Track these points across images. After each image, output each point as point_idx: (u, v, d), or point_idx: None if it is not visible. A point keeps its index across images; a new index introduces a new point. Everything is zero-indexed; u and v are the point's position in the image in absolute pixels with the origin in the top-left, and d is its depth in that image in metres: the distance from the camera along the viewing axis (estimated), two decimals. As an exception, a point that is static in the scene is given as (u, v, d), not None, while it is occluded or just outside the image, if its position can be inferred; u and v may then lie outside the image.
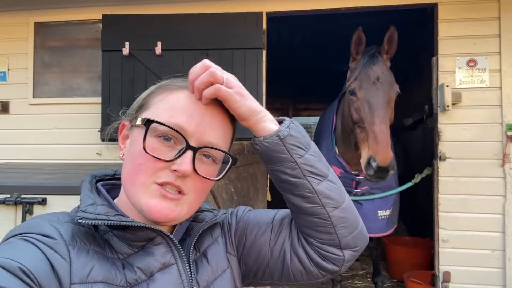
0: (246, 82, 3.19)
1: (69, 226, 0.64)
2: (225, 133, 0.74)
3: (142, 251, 0.67)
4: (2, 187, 1.98)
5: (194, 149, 0.67)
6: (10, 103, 3.55)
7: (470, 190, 2.99)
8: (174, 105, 0.69)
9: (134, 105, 0.76)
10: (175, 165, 0.66)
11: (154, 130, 0.67)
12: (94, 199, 0.68)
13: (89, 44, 3.52)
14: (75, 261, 0.60)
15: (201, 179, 0.69)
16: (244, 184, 2.45)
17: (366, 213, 3.02)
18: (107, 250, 0.65)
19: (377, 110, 2.37)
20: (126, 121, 0.76)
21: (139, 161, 0.67)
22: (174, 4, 3.36)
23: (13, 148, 3.50)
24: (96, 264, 0.62)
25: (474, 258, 2.97)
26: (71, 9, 3.49)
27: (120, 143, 0.75)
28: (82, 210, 0.65)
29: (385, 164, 2.22)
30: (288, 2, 3.28)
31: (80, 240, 0.63)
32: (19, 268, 0.53)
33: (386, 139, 2.29)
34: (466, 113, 3.02)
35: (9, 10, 3.55)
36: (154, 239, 0.69)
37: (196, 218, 0.81)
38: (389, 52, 2.59)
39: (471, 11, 3.04)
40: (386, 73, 2.51)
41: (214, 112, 0.71)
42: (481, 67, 3.01)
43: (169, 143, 0.67)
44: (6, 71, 3.56)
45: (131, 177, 0.68)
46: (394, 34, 2.54)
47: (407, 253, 3.72)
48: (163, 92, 0.72)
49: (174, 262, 0.69)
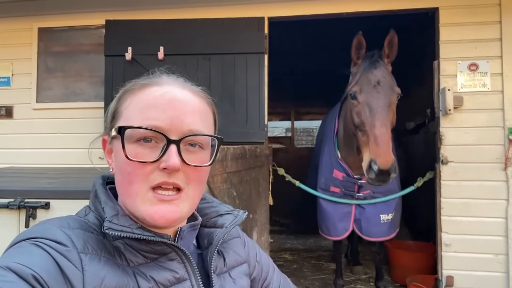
0: (248, 87, 3.23)
1: (80, 233, 0.64)
2: (204, 116, 0.72)
3: (154, 263, 0.67)
4: (6, 191, 1.99)
5: (176, 142, 0.66)
6: (14, 108, 3.58)
7: (473, 194, 2.98)
8: (143, 105, 0.68)
9: (108, 117, 0.74)
10: (163, 163, 0.65)
11: (131, 136, 0.66)
12: (116, 209, 0.67)
13: (92, 49, 3.55)
14: (87, 269, 0.59)
15: (193, 169, 0.68)
16: (246, 188, 2.46)
17: (369, 217, 3.02)
18: (116, 257, 0.65)
19: (377, 113, 2.38)
20: (105, 135, 0.74)
21: (127, 171, 0.66)
22: (177, 9, 3.39)
23: (17, 152, 3.52)
24: (108, 271, 0.61)
25: (477, 262, 2.96)
26: (75, 14, 3.53)
27: (107, 158, 0.74)
28: (109, 221, 0.64)
29: (386, 167, 2.22)
30: (289, 7, 3.30)
31: (91, 247, 0.62)
32: (31, 275, 0.53)
33: (387, 142, 2.29)
34: (468, 117, 3.02)
35: (13, 16, 3.59)
36: (169, 254, 0.69)
37: (215, 223, 0.80)
38: (390, 56, 2.60)
39: (472, 15, 3.05)
40: (387, 77, 2.52)
41: (186, 99, 0.70)
42: (483, 71, 3.01)
43: (150, 144, 0.66)
44: (10, 76, 3.59)
45: (125, 188, 0.67)
46: (394, 37, 2.55)
47: (410, 257, 3.70)
48: (129, 96, 0.71)
49: (188, 278, 0.69)
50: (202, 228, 0.81)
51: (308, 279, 3.94)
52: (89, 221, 0.68)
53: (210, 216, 0.82)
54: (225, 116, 3.21)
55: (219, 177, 2.01)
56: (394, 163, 2.26)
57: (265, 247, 2.89)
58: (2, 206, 1.90)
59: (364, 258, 4.43)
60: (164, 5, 3.41)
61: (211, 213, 0.82)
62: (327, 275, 4.01)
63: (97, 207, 0.70)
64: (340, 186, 3.12)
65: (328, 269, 4.23)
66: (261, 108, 3.23)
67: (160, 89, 0.69)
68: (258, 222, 2.71)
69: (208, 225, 0.81)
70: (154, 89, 0.69)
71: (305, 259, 4.60)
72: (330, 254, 4.72)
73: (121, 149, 0.65)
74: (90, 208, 0.72)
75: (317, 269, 4.25)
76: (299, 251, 4.98)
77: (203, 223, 0.81)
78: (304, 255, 4.76)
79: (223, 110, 3.36)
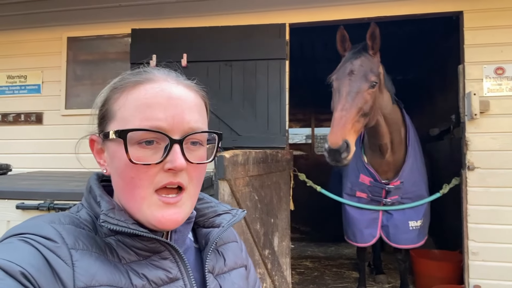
0: (269, 93, 3.25)
1: (71, 229, 0.62)
2: (201, 111, 0.71)
3: (146, 261, 0.66)
4: (36, 193, 2.06)
5: (179, 141, 0.64)
6: (43, 114, 3.72)
7: (500, 200, 2.90)
8: (140, 104, 0.65)
9: (97, 116, 0.71)
10: (168, 163, 0.63)
11: (131, 138, 0.63)
12: (112, 203, 0.66)
13: (118, 57, 3.66)
14: (78, 265, 0.58)
15: (195, 167, 0.67)
16: (267, 192, 2.46)
17: (397, 224, 2.98)
18: (108, 253, 0.63)
19: (342, 99, 2.47)
20: (94, 135, 0.72)
21: (130, 175, 0.64)
22: (199, 17, 3.46)
23: (47, 157, 3.65)
24: (99, 267, 0.60)
25: (505, 271, 2.85)
26: (102, 24, 3.65)
27: (98, 158, 0.72)
28: (105, 214, 0.63)
29: (334, 146, 2.30)
30: (310, 13, 3.32)
31: (82, 243, 0.61)
32: (20, 272, 0.51)
33: (341, 124, 2.37)
34: (495, 122, 2.94)
35: (44, 26, 3.75)
36: (162, 252, 0.68)
37: (213, 223, 0.79)
38: (374, 47, 2.65)
39: (497, 18, 2.99)
40: (365, 66, 2.58)
41: (183, 96, 0.68)
42: (510, 75, 2.94)
43: (152, 145, 0.64)
44: (40, 83, 3.74)
45: (129, 192, 0.65)
46: (375, 30, 2.61)
47: (435, 266, 3.60)
48: (121, 94, 0.67)
49: (181, 277, 0.68)
50: (200, 228, 0.80)
51: (330, 287, 3.89)
52: (81, 217, 0.67)
53: (208, 216, 0.81)
54: (247, 121, 3.24)
55: (241, 181, 2.03)
56: (345, 144, 2.31)
57: (286, 253, 2.88)
58: (32, 208, 1.97)
59: (387, 267, 4.34)
60: (187, 14, 3.49)
61: (210, 213, 0.81)
62: (348, 284, 3.95)
63: (90, 202, 0.69)
64: (367, 191, 3.08)
65: (350, 277, 4.16)
66: (282, 113, 3.24)
67: (156, 86, 0.67)
68: (279, 227, 2.71)
69: (207, 225, 0.80)
70: (149, 86, 0.66)
71: (326, 267, 4.55)
72: (352, 262, 4.65)
73: (121, 152, 0.63)
74: (83, 205, 0.71)
75: (338, 277, 4.19)
76: (320, 258, 4.92)
77: (202, 223, 0.80)
78: (325, 263, 4.71)
79: (244, 115, 3.41)
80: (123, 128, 0.63)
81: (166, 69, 0.73)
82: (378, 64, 2.67)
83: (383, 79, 2.73)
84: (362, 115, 2.49)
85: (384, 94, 2.75)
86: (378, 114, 2.70)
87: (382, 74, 2.69)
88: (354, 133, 2.43)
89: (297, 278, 4.11)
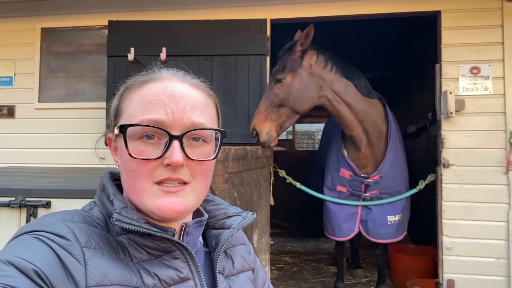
0: (249, 89, 3.23)
1: (84, 227, 0.63)
2: (205, 109, 0.71)
3: (158, 260, 0.66)
4: (7, 190, 1.99)
5: (178, 137, 0.65)
6: (16, 107, 3.58)
7: (474, 197, 2.98)
8: (143, 101, 0.67)
9: (110, 115, 0.74)
10: (166, 159, 0.64)
11: (133, 133, 0.65)
12: (125, 202, 0.67)
13: (94, 49, 3.56)
14: (90, 264, 0.59)
15: (198, 163, 0.68)
16: (247, 189, 2.45)
17: (376, 219, 3.03)
18: (120, 252, 0.64)
19: None
20: (110, 133, 0.74)
21: (131, 168, 0.66)
22: (180, 10, 3.40)
23: (18, 152, 3.52)
24: (111, 266, 0.60)
25: (478, 266, 2.94)
26: (78, 15, 3.54)
27: (114, 155, 0.74)
28: (118, 213, 0.64)
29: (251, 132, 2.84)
30: (292, 9, 3.31)
31: (95, 242, 0.62)
32: (33, 270, 0.52)
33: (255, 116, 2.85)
34: (470, 120, 3.02)
35: (16, 16, 3.61)
36: (173, 252, 0.68)
37: (223, 225, 0.80)
38: (303, 44, 2.87)
39: (474, 19, 3.06)
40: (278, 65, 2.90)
41: (186, 93, 0.69)
42: (485, 75, 3.01)
43: (153, 140, 0.65)
44: (12, 76, 3.60)
45: (131, 185, 0.67)
46: (311, 31, 2.82)
47: (410, 260, 3.69)
48: (130, 93, 0.71)
49: (191, 277, 0.68)
50: (210, 230, 0.81)
51: (308, 282, 3.93)
52: (93, 215, 0.68)
53: (218, 218, 0.82)
54: (227, 117, 3.19)
55: (221, 178, 2.01)
56: (254, 132, 2.80)
57: (265, 249, 2.89)
58: (3, 205, 1.90)
59: (364, 262, 4.41)
60: (167, 6, 3.42)
61: (220, 215, 0.82)
62: (327, 278, 4.00)
63: (103, 200, 0.70)
64: (347, 185, 3.12)
65: (328, 272, 4.22)
66: (262, 110, 3.22)
67: (160, 84, 0.69)
68: (259, 223, 2.71)
69: (217, 227, 0.81)
70: (154, 84, 0.69)
71: (305, 262, 4.59)
72: (330, 257, 4.71)
73: (125, 146, 0.65)
74: (95, 203, 0.72)
75: (317, 272, 4.23)
76: (299, 254, 4.96)
77: (212, 225, 0.81)
78: (304, 258, 4.75)
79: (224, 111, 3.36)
80: (125, 123, 0.66)
81: (175, 69, 0.75)
82: (301, 59, 2.88)
83: (317, 68, 2.90)
84: (278, 106, 2.82)
85: (335, 82, 2.91)
86: (324, 101, 2.95)
87: (311, 64, 2.90)
88: (270, 121, 2.81)
89: (276, 273, 4.13)
